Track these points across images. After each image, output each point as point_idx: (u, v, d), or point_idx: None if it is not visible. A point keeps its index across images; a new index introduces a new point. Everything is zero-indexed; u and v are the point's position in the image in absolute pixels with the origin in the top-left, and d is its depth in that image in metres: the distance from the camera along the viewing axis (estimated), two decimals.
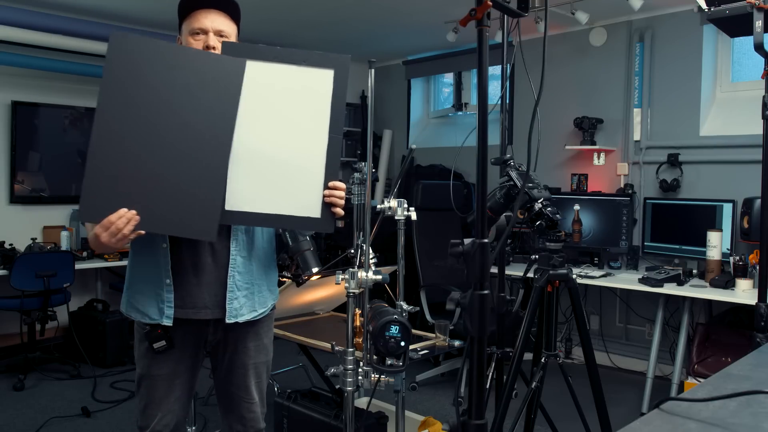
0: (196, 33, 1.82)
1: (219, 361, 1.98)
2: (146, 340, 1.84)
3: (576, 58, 4.93)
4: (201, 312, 1.85)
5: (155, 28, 5.05)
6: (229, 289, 1.85)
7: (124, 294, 1.94)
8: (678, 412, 1.18)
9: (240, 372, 1.96)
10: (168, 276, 1.81)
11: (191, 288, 1.83)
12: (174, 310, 1.82)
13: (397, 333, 1.87)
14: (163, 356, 1.85)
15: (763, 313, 1.99)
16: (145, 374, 1.89)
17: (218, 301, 1.85)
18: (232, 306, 1.86)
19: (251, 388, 1.98)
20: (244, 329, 1.93)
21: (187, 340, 1.89)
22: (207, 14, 1.82)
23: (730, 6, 1.98)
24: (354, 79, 6.78)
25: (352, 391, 2.03)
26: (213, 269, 1.85)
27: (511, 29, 2.58)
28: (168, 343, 1.83)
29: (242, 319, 1.88)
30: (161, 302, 1.83)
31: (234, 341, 1.94)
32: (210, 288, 1.85)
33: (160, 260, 1.82)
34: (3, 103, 4.66)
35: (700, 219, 4.04)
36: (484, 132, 1.25)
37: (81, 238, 4.77)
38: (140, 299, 1.86)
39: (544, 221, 2.11)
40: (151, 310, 1.84)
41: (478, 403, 1.21)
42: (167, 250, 1.81)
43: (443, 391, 4.13)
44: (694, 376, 3.70)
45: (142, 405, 1.91)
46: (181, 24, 1.87)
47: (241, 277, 1.87)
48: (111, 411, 3.70)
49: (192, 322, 1.86)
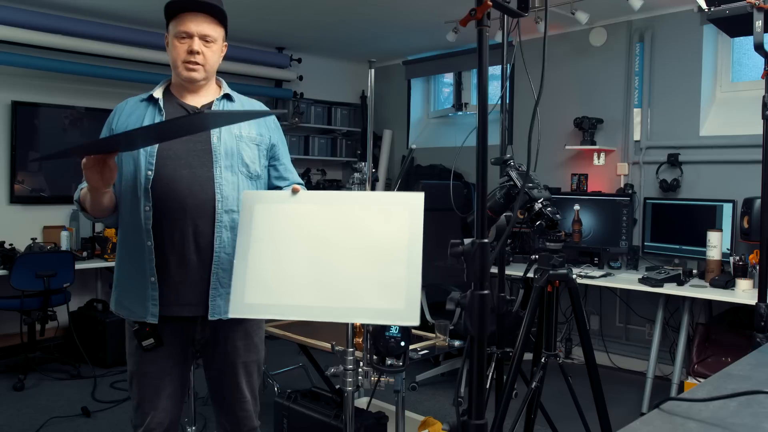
0: (182, 36, 1.84)
1: (209, 360, 1.98)
2: (135, 338, 1.85)
3: (576, 58, 4.93)
4: (185, 309, 1.85)
5: (155, 28, 5.05)
6: (212, 287, 1.85)
7: (112, 292, 1.95)
8: (678, 412, 1.18)
9: (230, 371, 1.96)
10: (153, 274, 1.82)
11: (176, 285, 1.84)
12: (159, 307, 1.82)
13: (397, 333, 1.87)
14: (152, 354, 1.86)
15: (763, 313, 1.99)
16: (136, 371, 1.91)
17: (202, 299, 1.85)
18: (215, 303, 1.86)
19: (242, 387, 1.98)
20: (232, 327, 1.93)
21: (175, 337, 1.89)
22: (193, 18, 1.84)
23: (730, 6, 1.98)
24: (354, 79, 6.83)
25: (352, 391, 2.03)
26: (197, 266, 1.85)
27: (511, 29, 2.58)
28: (156, 340, 1.84)
29: (225, 317, 1.86)
30: (146, 300, 1.83)
31: (223, 340, 1.94)
32: (194, 285, 1.85)
33: (145, 258, 1.83)
34: (3, 103, 4.66)
35: (700, 219, 4.04)
36: (484, 132, 1.25)
37: (81, 238, 4.77)
38: (127, 297, 1.88)
39: (544, 221, 2.10)
40: (137, 307, 1.85)
41: (478, 403, 1.21)
42: (152, 248, 1.82)
43: (443, 391, 4.13)
44: (694, 376, 3.70)
45: (135, 403, 1.93)
46: (167, 24, 1.89)
47: (225, 274, 1.86)
48: (111, 411, 3.70)
49: (178, 319, 1.86)
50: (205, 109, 1.91)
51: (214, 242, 1.85)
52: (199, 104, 1.93)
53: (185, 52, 1.84)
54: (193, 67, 1.86)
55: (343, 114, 6.49)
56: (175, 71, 1.89)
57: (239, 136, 1.92)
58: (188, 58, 1.85)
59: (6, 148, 4.68)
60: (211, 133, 1.88)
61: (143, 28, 5.00)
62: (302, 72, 6.04)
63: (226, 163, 1.87)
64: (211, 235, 1.85)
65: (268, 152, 2.00)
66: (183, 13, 1.84)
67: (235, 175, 1.89)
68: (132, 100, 1.96)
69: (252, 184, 1.94)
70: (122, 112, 1.94)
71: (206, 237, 1.85)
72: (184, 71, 1.86)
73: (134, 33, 4.92)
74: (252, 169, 1.93)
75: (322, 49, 6.02)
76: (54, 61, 4.66)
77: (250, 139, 1.94)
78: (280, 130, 2.07)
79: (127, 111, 1.93)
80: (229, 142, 1.89)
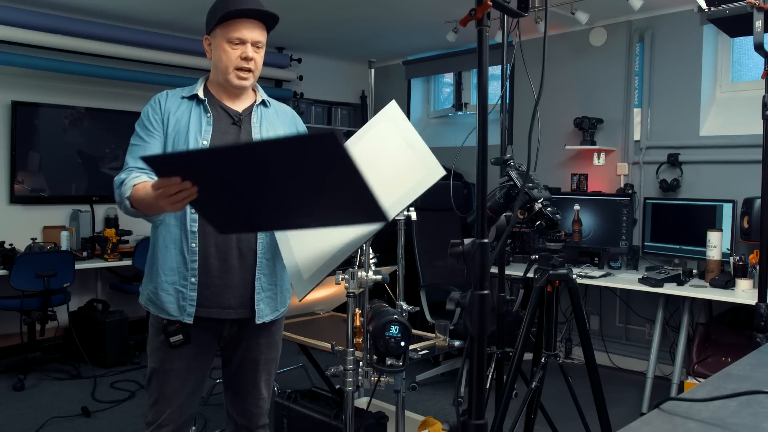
0: (235, 42, 1.83)
1: (230, 356, 2.00)
2: (162, 334, 1.85)
3: (576, 58, 4.93)
4: (225, 312, 1.88)
5: (155, 28, 5.05)
6: (256, 292, 1.89)
7: (143, 287, 1.95)
8: (678, 412, 1.18)
9: (251, 367, 1.99)
10: (194, 275, 1.83)
11: (217, 289, 1.85)
12: (197, 308, 1.84)
13: (397, 333, 1.87)
14: (177, 351, 1.86)
15: (763, 313, 1.99)
16: (158, 368, 1.90)
17: (243, 302, 1.88)
18: (259, 308, 1.89)
19: (260, 384, 2.01)
20: (258, 326, 1.95)
21: (204, 336, 1.91)
22: (247, 24, 1.83)
23: (730, 6, 1.98)
24: (354, 79, 6.83)
25: (352, 391, 2.04)
26: (239, 271, 1.87)
27: (511, 29, 2.58)
28: (185, 338, 1.85)
29: (267, 320, 1.92)
30: (183, 299, 1.84)
31: (247, 337, 1.97)
32: (236, 289, 1.87)
33: (187, 259, 1.84)
34: (3, 103, 4.66)
35: (700, 219, 4.03)
36: (484, 132, 1.25)
37: (81, 238, 4.77)
38: (161, 295, 1.87)
39: (544, 221, 2.11)
40: (171, 306, 1.86)
41: (478, 403, 1.21)
42: (196, 250, 1.83)
43: (443, 391, 4.13)
44: (694, 376, 3.69)
45: (152, 400, 1.92)
46: (214, 27, 1.85)
47: (266, 279, 1.91)
48: (111, 411, 3.70)
49: (209, 319, 1.88)
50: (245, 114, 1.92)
51: (257, 248, 1.88)
52: (239, 108, 1.93)
53: (238, 58, 1.84)
54: (245, 75, 1.86)
55: (343, 114, 6.49)
56: (224, 76, 1.87)
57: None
58: (242, 65, 1.85)
59: (6, 148, 4.68)
60: (252, 137, 1.90)
61: (143, 28, 5.00)
62: (302, 72, 6.04)
63: None
64: (252, 241, 1.87)
65: None
66: (239, 19, 1.82)
67: None
68: (171, 94, 1.92)
69: None
70: (166, 104, 1.89)
71: (248, 242, 1.87)
72: (236, 79, 1.86)
73: (134, 33, 4.92)
74: None
75: (322, 49, 6.02)
76: (54, 61, 4.66)
77: None
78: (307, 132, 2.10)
79: (171, 105, 1.89)
80: None
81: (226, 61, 1.84)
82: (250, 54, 1.84)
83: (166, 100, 1.90)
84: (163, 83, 4.96)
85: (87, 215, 4.87)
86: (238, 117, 1.91)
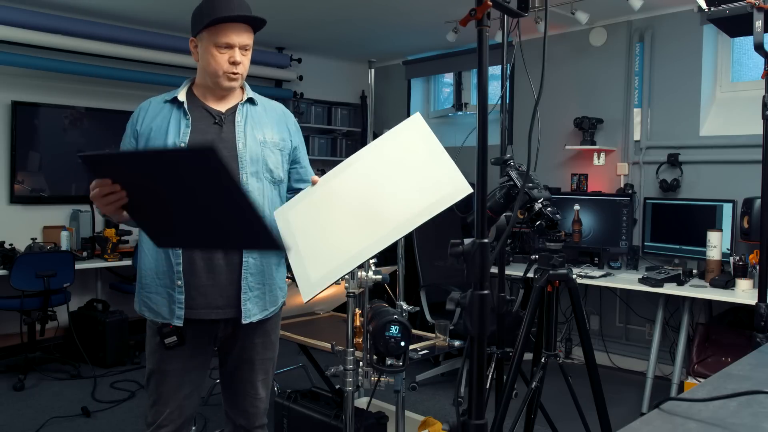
0: (223, 47, 1.83)
1: (226, 356, 2.00)
2: (158, 335, 1.86)
3: (576, 58, 4.93)
4: (213, 312, 1.88)
5: (155, 28, 5.05)
6: (242, 291, 1.88)
7: (136, 293, 1.96)
8: (678, 412, 1.18)
9: (247, 367, 1.99)
10: (180, 278, 1.84)
11: (204, 289, 1.86)
12: (185, 310, 1.85)
13: (397, 333, 1.87)
14: (173, 352, 1.87)
15: (763, 313, 1.99)
16: (156, 369, 1.91)
17: (230, 302, 1.88)
18: (246, 307, 1.89)
19: (257, 384, 2.01)
20: (252, 326, 1.95)
21: (198, 337, 1.91)
22: (235, 29, 1.83)
23: (730, 6, 1.98)
24: (354, 79, 6.82)
25: (352, 391, 2.03)
26: (225, 271, 1.87)
27: (511, 29, 2.58)
28: (179, 339, 1.85)
29: (255, 319, 1.92)
30: (172, 303, 1.85)
31: (243, 337, 1.97)
32: (223, 289, 1.87)
33: (172, 262, 1.85)
34: (3, 103, 4.66)
35: (700, 219, 4.03)
36: (484, 132, 1.25)
37: (81, 238, 4.77)
38: (153, 299, 1.89)
39: (544, 221, 2.11)
40: (163, 309, 1.87)
41: (478, 403, 1.21)
42: (180, 253, 1.83)
43: (443, 391, 4.13)
44: (694, 376, 3.69)
45: (152, 400, 1.93)
46: (201, 30, 1.84)
47: (253, 278, 1.90)
48: (111, 411, 3.70)
49: (203, 321, 1.88)
50: (228, 114, 1.92)
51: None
52: (223, 109, 1.93)
53: (227, 62, 1.84)
54: (234, 77, 1.87)
55: (343, 114, 6.49)
56: (213, 80, 1.88)
57: (263, 141, 1.92)
58: (231, 69, 1.85)
59: (6, 148, 4.68)
60: (236, 139, 1.89)
61: (143, 28, 5.00)
62: (302, 72, 6.04)
63: (252, 169, 1.89)
64: None
65: (290, 156, 2.02)
66: (227, 23, 1.82)
67: (260, 182, 1.91)
68: (155, 101, 1.94)
69: (275, 190, 1.96)
70: (146, 113, 1.91)
71: None
72: (226, 81, 1.87)
73: (134, 33, 4.92)
74: (276, 174, 1.95)
75: (322, 49, 6.02)
76: (54, 61, 4.66)
77: (274, 144, 1.95)
78: (300, 131, 2.09)
79: (152, 112, 1.91)
80: (254, 148, 1.90)
81: (215, 66, 1.84)
82: (238, 59, 1.84)
83: (148, 108, 1.92)
84: (163, 83, 4.96)
85: (87, 215, 4.87)
86: (220, 117, 1.90)
